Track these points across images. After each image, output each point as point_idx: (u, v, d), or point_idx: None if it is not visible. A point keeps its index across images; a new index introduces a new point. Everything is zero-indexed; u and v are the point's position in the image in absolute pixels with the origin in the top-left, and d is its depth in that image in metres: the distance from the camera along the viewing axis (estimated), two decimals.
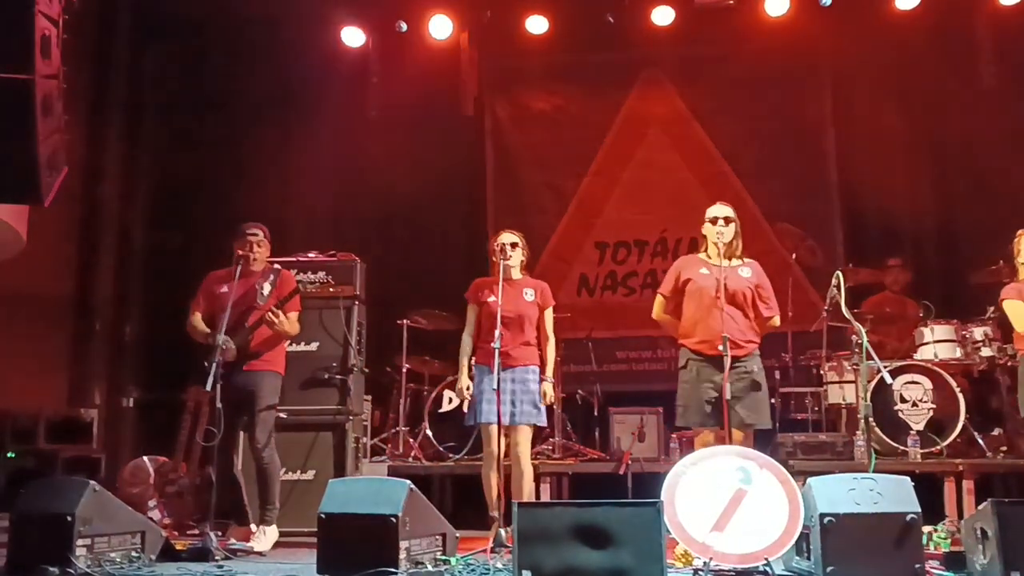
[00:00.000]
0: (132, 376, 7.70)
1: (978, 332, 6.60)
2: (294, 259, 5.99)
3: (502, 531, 4.78)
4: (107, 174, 7.71)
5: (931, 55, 7.87)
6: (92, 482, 4.26)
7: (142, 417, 7.48)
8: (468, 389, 5.24)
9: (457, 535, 4.46)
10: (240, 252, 5.15)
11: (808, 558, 3.83)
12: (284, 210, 8.39)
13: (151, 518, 5.63)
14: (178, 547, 4.63)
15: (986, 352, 6.53)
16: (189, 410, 6.34)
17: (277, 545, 5.12)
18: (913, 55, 7.87)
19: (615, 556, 3.49)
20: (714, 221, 5.03)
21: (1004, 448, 6.38)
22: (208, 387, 4.75)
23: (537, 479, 6.13)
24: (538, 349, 5.34)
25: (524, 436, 5.14)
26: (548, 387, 5.29)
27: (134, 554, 4.38)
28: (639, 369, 8.41)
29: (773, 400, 6.75)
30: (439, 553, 4.24)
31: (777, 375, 7.03)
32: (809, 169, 8.44)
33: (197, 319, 5.26)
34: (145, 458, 6.23)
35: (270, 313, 4.99)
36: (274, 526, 5.12)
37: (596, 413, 7.40)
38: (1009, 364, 6.13)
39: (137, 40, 7.96)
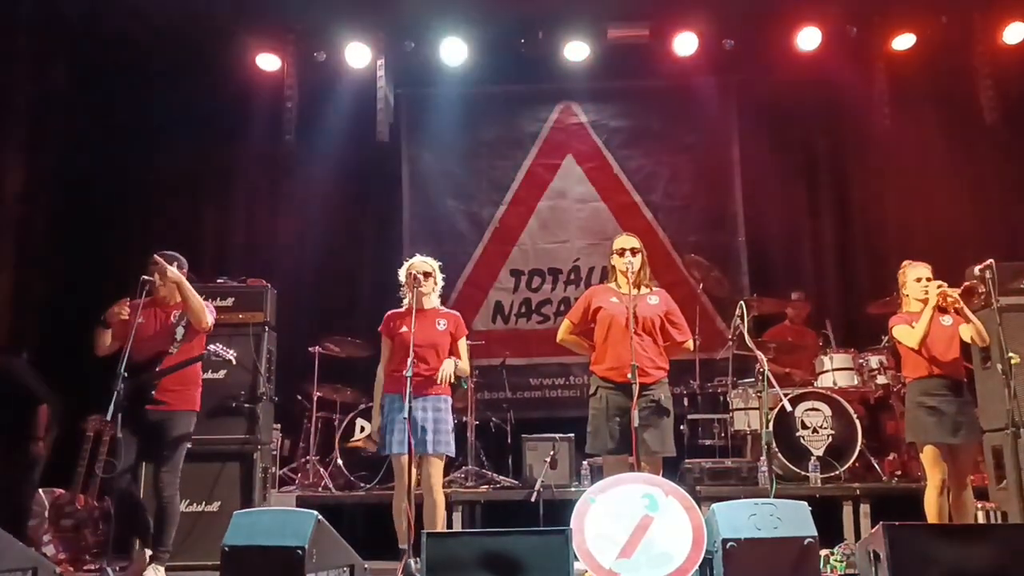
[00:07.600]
0: None
1: (874, 360, 6.92)
2: (202, 285, 5.85)
3: (411, 561, 4.74)
4: (6, 194, 7.41)
5: (831, 95, 8.22)
6: None
7: None
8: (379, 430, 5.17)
9: (366, 566, 4.41)
10: (144, 277, 5.00)
11: None
12: (194, 234, 8.24)
13: (44, 553, 5.40)
14: None
15: (881, 380, 6.86)
16: (89, 440, 6.13)
17: None
18: (814, 95, 8.21)
19: None
20: (621, 253, 5.15)
21: (899, 472, 6.67)
22: (109, 416, 4.59)
23: (450, 507, 6.11)
24: None
25: (436, 466, 5.10)
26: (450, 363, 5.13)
27: None
28: (552, 396, 8.50)
29: (682, 426, 6.91)
30: None
31: (685, 402, 7.23)
32: (717, 202, 8.75)
33: (106, 335, 5.04)
34: (40, 490, 5.99)
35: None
36: (163, 570, 4.92)
37: (509, 440, 7.43)
38: (902, 392, 6.40)
39: (42, 58, 7.70)
